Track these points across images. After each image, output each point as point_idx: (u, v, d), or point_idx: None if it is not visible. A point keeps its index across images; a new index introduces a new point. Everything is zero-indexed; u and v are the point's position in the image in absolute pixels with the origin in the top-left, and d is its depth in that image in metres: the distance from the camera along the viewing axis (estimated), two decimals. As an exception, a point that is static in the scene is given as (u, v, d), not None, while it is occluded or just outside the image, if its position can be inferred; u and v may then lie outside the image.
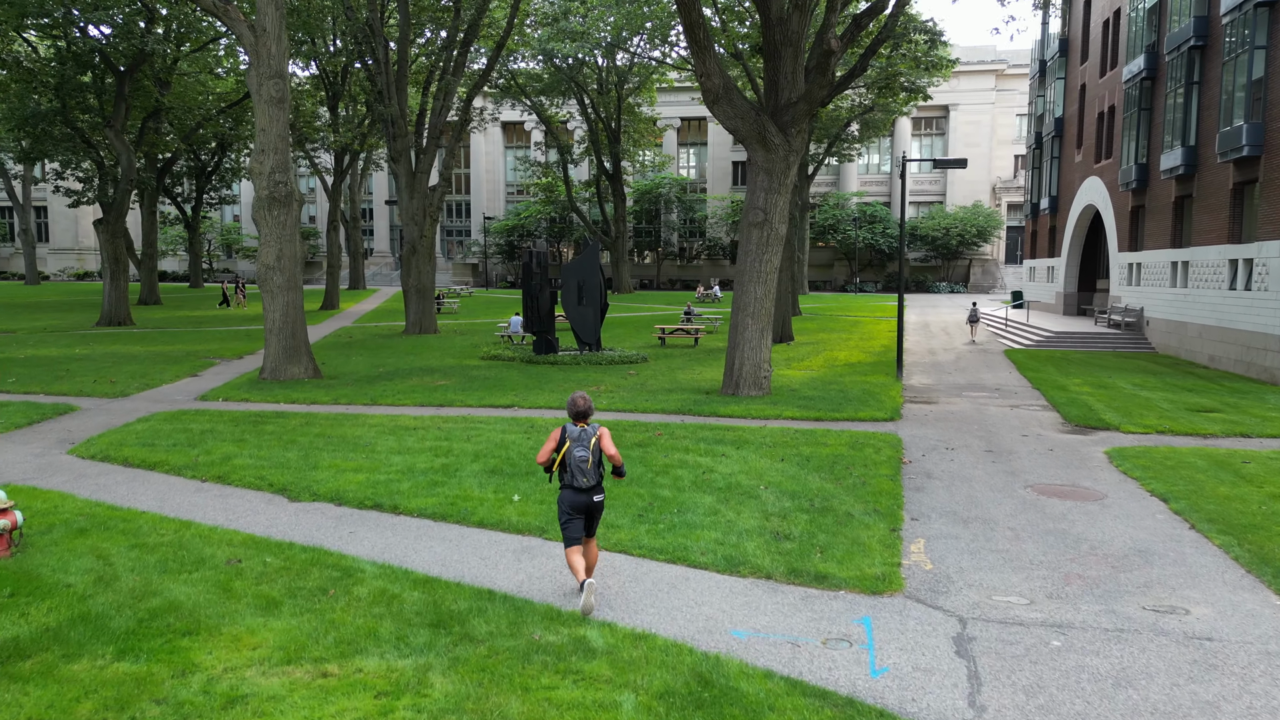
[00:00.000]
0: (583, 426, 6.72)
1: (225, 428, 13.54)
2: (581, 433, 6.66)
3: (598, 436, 6.71)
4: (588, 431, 6.69)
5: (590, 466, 6.63)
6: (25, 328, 34.34)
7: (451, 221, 80.00)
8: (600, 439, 6.72)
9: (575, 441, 6.62)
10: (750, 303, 18.24)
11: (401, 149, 33.16)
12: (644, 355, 25.67)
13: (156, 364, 23.11)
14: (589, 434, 6.68)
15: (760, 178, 18.16)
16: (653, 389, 19.09)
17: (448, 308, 45.74)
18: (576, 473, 6.61)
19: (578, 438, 6.64)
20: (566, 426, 6.74)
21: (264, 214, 19.93)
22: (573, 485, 6.66)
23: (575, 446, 6.61)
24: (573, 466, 6.62)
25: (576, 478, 6.62)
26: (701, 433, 13.41)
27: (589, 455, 6.63)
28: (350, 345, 29.13)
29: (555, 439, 6.69)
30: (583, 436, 6.65)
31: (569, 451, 6.60)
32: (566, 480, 6.69)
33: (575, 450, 6.60)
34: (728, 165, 72.77)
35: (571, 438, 6.64)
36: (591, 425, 6.78)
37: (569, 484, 6.68)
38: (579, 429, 6.69)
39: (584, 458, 6.60)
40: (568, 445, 6.62)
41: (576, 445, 6.61)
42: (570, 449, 6.60)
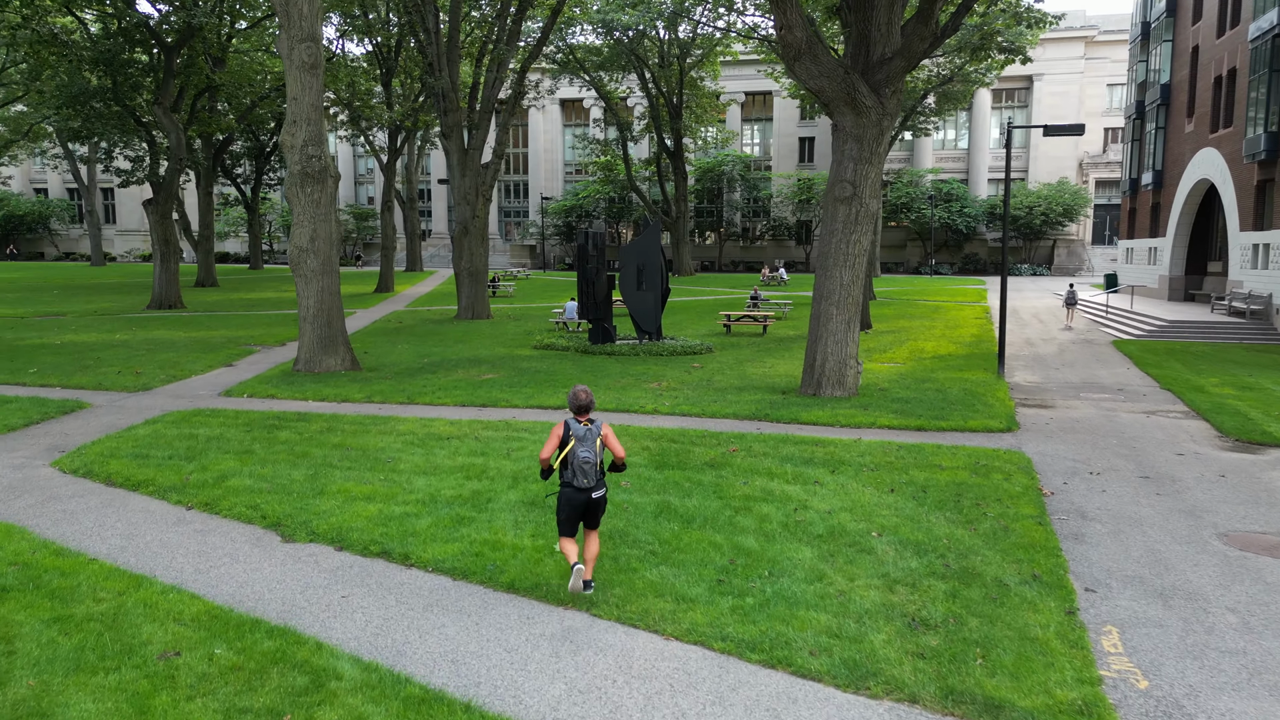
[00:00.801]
0: (586, 423, 6.39)
1: (235, 434, 11.81)
2: (586, 431, 6.35)
3: (602, 436, 6.42)
4: (592, 430, 6.37)
5: (592, 468, 6.33)
6: (77, 310, 33.69)
7: (509, 202, 78.53)
8: (605, 438, 6.44)
9: (580, 441, 6.31)
10: (835, 289, 15.91)
11: (453, 124, 31.38)
12: (708, 345, 23.48)
13: (192, 352, 21.77)
14: (594, 432, 6.37)
15: (848, 145, 15.76)
16: (720, 386, 16.93)
17: (503, 291, 44.10)
18: (579, 473, 6.32)
19: (583, 437, 6.33)
20: (569, 422, 6.37)
21: (297, 191, 18.23)
22: (574, 484, 6.36)
23: (580, 447, 6.30)
24: (575, 466, 6.31)
25: (578, 478, 6.33)
26: (785, 448, 11.21)
27: (594, 457, 6.33)
28: (398, 331, 27.55)
29: (558, 436, 6.34)
30: (588, 436, 6.34)
31: (573, 451, 6.30)
32: (567, 478, 6.39)
33: (580, 451, 6.30)
34: (794, 142, 69.68)
35: (576, 436, 6.32)
36: (595, 422, 6.46)
37: (569, 482, 6.38)
38: (584, 426, 6.36)
39: (589, 459, 6.30)
40: (572, 444, 6.30)
41: (581, 446, 6.30)
42: (575, 449, 6.29)
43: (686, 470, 9.88)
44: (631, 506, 8.45)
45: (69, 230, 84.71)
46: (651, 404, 14.71)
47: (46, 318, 30.81)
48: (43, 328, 27.13)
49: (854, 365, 16.15)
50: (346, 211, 77.97)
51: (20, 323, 28.60)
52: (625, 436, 11.80)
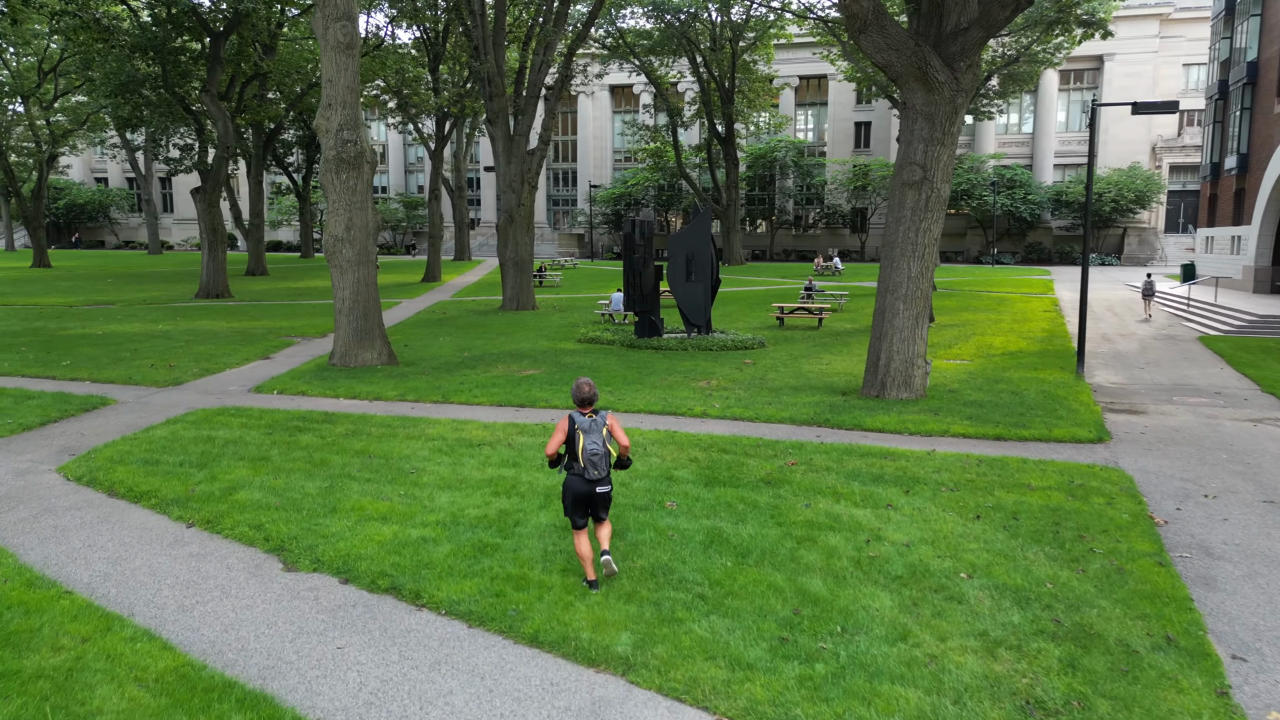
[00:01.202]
0: (590, 415, 6.39)
1: (254, 437, 11.04)
2: (591, 423, 6.36)
3: (608, 426, 6.43)
4: (597, 421, 6.39)
5: (601, 460, 6.33)
6: (126, 299, 33.72)
7: (558, 190, 77.82)
8: (611, 428, 6.45)
9: (587, 433, 6.31)
10: (902, 282, 14.62)
11: (498, 110, 30.53)
12: (760, 339, 22.30)
13: (231, 344, 21.28)
14: (599, 423, 6.39)
15: (918, 125, 14.43)
16: (775, 386, 15.77)
17: (549, 281, 43.28)
18: (589, 465, 6.32)
19: (588, 428, 6.33)
20: (574, 415, 6.38)
21: (332, 178, 17.49)
22: (583, 476, 6.34)
23: (588, 439, 6.30)
24: (586, 459, 6.31)
25: (588, 470, 6.33)
26: (850, 460, 10.05)
27: (601, 448, 6.33)
28: (441, 323, 26.85)
29: (564, 429, 6.36)
30: (593, 427, 6.35)
31: (583, 444, 6.30)
32: (576, 470, 6.36)
33: (589, 444, 6.30)
34: (849, 127, 67.63)
35: (583, 428, 6.32)
36: (599, 413, 6.45)
37: (578, 474, 6.35)
38: (588, 418, 6.37)
39: (597, 450, 6.30)
40: (580, 438, 6.30)
41: (589, 437, 6.31)
42: (584, 442, 6.29)
43: (740, 488, 8.79)
44: (678, 534, 7.41)
45: (128, 219, 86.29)
46: (700, 406, 13.63)
47: (95, 306, 30.80)
48: (88, 317, 27.01)
49: (922, 365, 14.87)
50: (396, 200, 78.01)
51: (68, 312, 28.57)
52: (671, 445, 10.75)
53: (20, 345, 20.02)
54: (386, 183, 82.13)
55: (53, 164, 55.85)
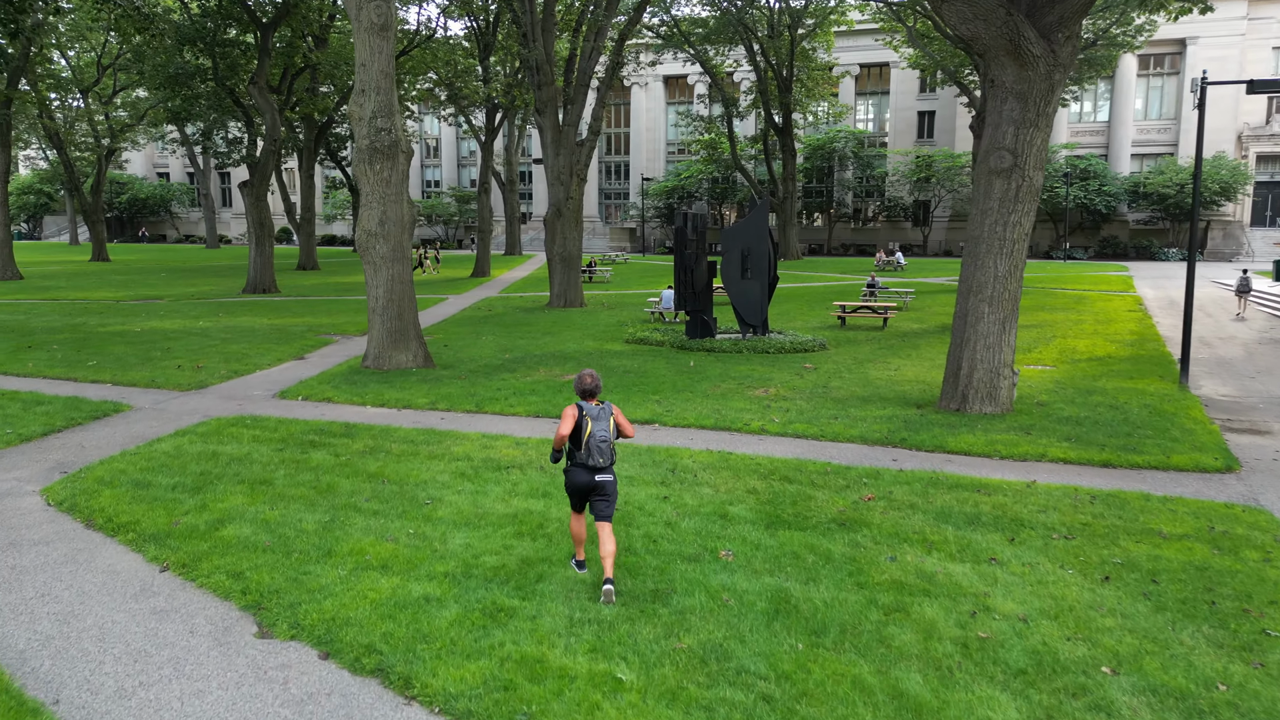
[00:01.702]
0: (596, 404, 6.34)
1: (263, 454, 9.96)
2: (599, 411, 6.32)
3: (614, 415, 6.40)
4: (604, 410, 6.35)
5: (608, 447, 6.28)
6: (175, 294, 33.47)
7: (610, 183, 76.67)
8: (616, 416, 6.44)
9: (596, 420, 6.28)
10: (987, 282, 13.00)
11: (547, 99, 29.37)
12: (821, 341, 20.75)
13: (267, 342, 20.47)
14: (606, 412, 6.34)
15: (1008, 105, 12.78)
16: (840, 396, 14.27)
17: (599, 276, 42.09)
18: (595, 453, 6.24)
19: (597, 416, 6.30)
20: (582, 405, 6.33)
21: (365, 168, 16.44)
22: (586, 464, 6.26)
23: (597, 426, 6.27)
24: (593, 446, 6.24)
25: (594, 457, 6.25)
26: (936, 494, 8.57)
27: (609, 436, 6.29)
28: (485, 321, 25.81)
29: (573, 417, 6.26)
30: (601, 415, 6.31)
31: (591, 432, 6.24)
32: (580, 459, 6.29)
33: (597, 430, 6.26)
34: (912, 116, 65.11)
35: (591, 415, 6.29)
36: (605, 404, 6.39)
37: (582, 462, 6.27)
38: (596, 408, 6.32)
39: (605, 438, 6.26)
40: (589, 424, 6.26)
41: (598, 424, 6.27)
42: (593, 429, 6.25)
43: (809, 531, 7.39)
44: (735, 598, 6.05)
45: (188, 213, 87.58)
46: (758, 420, 12.22)
47: (142, 301, 30.50)
48: (132, 313, 26.59)
49: (1009, 375, 13.23)
50: (449, 194, 77.69)
51: (114, 307, 28.24)
52: (725, 470, 9.38)
53: (53, 343, 19.45)
54: (439, 177, 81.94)
55: (111, 159, 56.45)
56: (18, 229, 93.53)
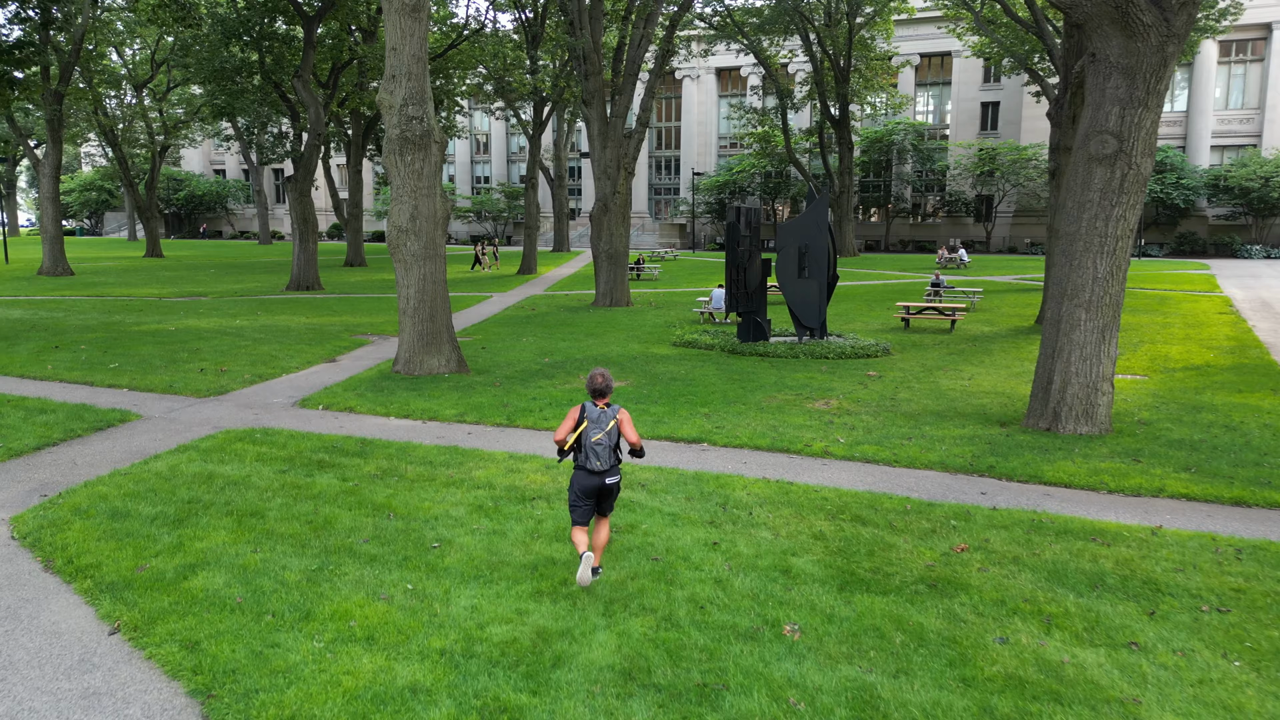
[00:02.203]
0: (602, 407, 6.23)
1: (264, 477, 8.90)
2: (601, 414, 6.20)
3: (617, 420, 6.22)
4: (607, 414, 6.21)
5: (606, 450, 6.15)
6: (219, 291, 33.10)
7: (660, 179, 75.33)
8: (620, 423, 6.23)
9: (593, 423, 6.18)
10: (1085, 284, 11.41)
11: (594, 89, 28.18)
12: (884, 345, 19.21)
13: (300, 343, 19.64)
14: (608, 416, 6.21)
15: (1112, 83, 11.16)
16: (911, 410, 12.79)
17: (646, 274, 40.82)
18: (591, 455, 6.14)
19: (596, 419, 6.19)
20: (586, 405, 6.25)
21: (395, 160, 15.40)
22: (586, 467, 6.18)
23: (592, 429, 6.16)
24: (587, 448, 6.14)
25: (590, 460, 6.15)
26: (1042, 543, 7.12)
27: (606, 439, 6.14)
28: (527, 321, 24.73)
29: (574, 418, 6.23)
30: (601, 419, 6.19)
31: (584, 433, 6.14)
32: (580, 461, 6.21)
33: (591, 432, 6.14)
34: (975, 107, 62.52)
35: (590, 418, 6.19)
36: (612, 406, 6.26)
37: (582, 465, 6.20)
38: (598, 410, 6.22)
39: (600, 441, 6.12)
40: (585, 426, 6.16)
41: (593, 427, 6.16)
42: (586, 430, 6.15)
43: (891, 595, 6.02)
44: (805, 698, 4.70)
45: (243, 209, 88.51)
46: (820, 440, 10.83)
47: (185, 299, 30.11)
48: (171, 310, 26.10)
49: (1108, 390, 11.62)
50: (498, 190, 77.11)
51: (155, 304, 27.83)
52: (786, 506, 8.03)
53: (82, 343, 18.84)
54: (489, 173, 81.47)
55: (165, 155, 56.84)
56: (80, 225, 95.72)
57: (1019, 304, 28.53)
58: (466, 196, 79.24)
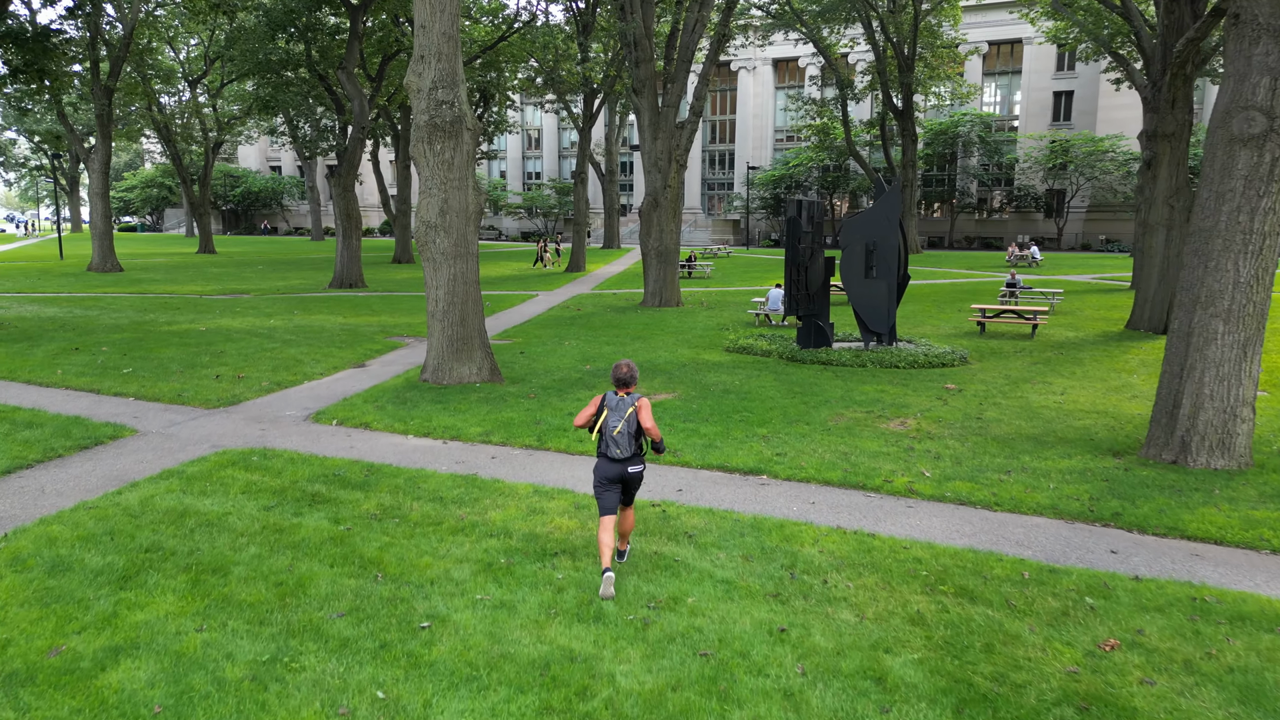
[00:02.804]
0: (622, 395, 6.23)
1: (245, 516, 7.57)
2: (620, 402, 6.20)
3: (635, 408, 6.19)
4: (625, 401, 6.19)
5: (624, 437, 6.13)
6: (262, 288, 32.44)
7: (713, 173, 73.49)
8: (638, 410, 6.19)
9: (613, 411, 6.17)
10: (1224, 290, 9.54)
11: (645, 77, 26.66)
12: (961, 352, 17.37)
13: (331, 345, 18.53)
14: (626, 404, 6.19)
15: (1261, 48, 9.27)
16: (1002, 434, 11.03)
17: (698, 272, 39.19)
18: (611, 444, 6.16)
19: (615, 407, 6.19)
20: (607, 395, 6.25)
21: (424, 148, 14.07)
22: (607, 455, 6.19)
23: (611, 416, 6.16)
24: (607, 436, 6.17)
25: (611, 448, 6.17)
26: (1215, 635, 5.40)
27: (625, 427, 6.13)
28: (570, 323, 23.34)
29: (595, 405, 6.25)
30: (620, 406, 6.19)
31: (605, 421, 6.16)
32: (602, 449, 6.23)
33: (611, 420, 6.15)
34: (1046, 97, 59.46)
35: (609, 406, 6.20)
36: (632, 394, 6.26)
37: (604, 453, 6.22)
38: (618, 397, 6.22)
39: (618, 428, 6.11)
40: (605, 414, 6.17)
41: (613, 415, 6.16)
42: (606, 419, 6.16)
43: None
44: None
45: (299, 206, 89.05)
46: (902, 473, 9.18)
47: (226, 296, 29.42)
48: (208, 309, 25.31)
49: (1248, 417, 9.73)
50: (550, 186, 76.11)
51: (192, 303, 27.13)
52: (870, 572, 6.41)
53: (104, 344, 17.97)
54: (540, 168, 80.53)
55: (218, 151, 56.89)
56: (142, 221, 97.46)
57: (1104, 306, 26.27)
58: (518, 193, 78.40)
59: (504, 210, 79.04)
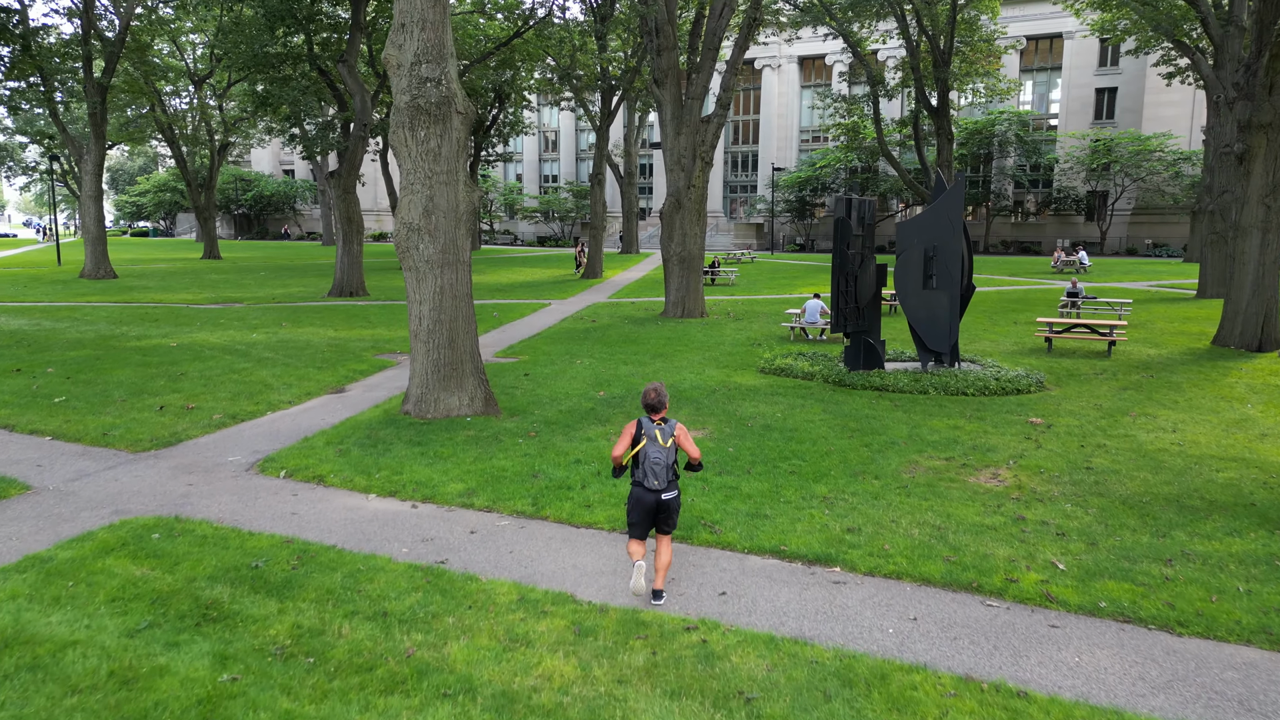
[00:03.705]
0: (658, 422, 6.03)
1: (87, 651, 5.22)
2: (659, 430, 5.99)
3: (674, 437, 6.00)
4: (665, 429, 5.99)
5: (662, 467, 5.93)
6: (256, 296, 30.32)
7: (736, 176, 70.96)
8: (678, 439, 6.04)
9: (652, 441, 5.94)
10: None
11: (667, 66, 24.30)
12: (1035, 375, 14.91)
13: (311, 365, 16.27)
14: (666, 433, 5.98)
15: None
16: (1128, 493, 8.54)
17: (722, 279, 36.74)
18: (649, 474, 5.93)
19: (653, 435, 5.95)
20: (642, 421, 6.05)
21: (405, 134, 11.72)
22: (644, 485, 5.98)
23: (652, 448, 5.92)
24: (646, 466, 5.93)
25: (649, 478, 5.94)
26: None
27: (664, 457, 5.92)
28: (584, 337, 20.96)
29: (630, 434, 6.02)
30: (660, 435, 5.96)
31: (644, 451, 5.94)
32: (638, 479, 6.01)
33: (651, 450, 5.92)
34: (1088, 94, 56.56)
35: (648, 435, 5.96)
36: (669, 421, 6.06)
37: (640, 483, 6.00)
38: (655, 426, 6.00)
39: (659, 460, 5.92)
40: (644, 443, 5.94)
41: (653, 445, 5.92)
42: (646, 448, 5.93)
43: None
44: None
45: (311, 209, 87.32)
46: (1024, 561, 6.74)
47: (216, 305, 27.30)
48: (189, 321, 23.15)
49: None
50: (566, 189, 73.85)
51: (176, 313, 24.98)
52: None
53: (52, 364, 15.77)
54: (557, 171, 78.32)
55: (224, 154, 55.05)
56: (154, 226, 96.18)
57: (1176, 318, 23.56)
58: (534, 196, 76.20)
59: (520, 214, 76.88)
